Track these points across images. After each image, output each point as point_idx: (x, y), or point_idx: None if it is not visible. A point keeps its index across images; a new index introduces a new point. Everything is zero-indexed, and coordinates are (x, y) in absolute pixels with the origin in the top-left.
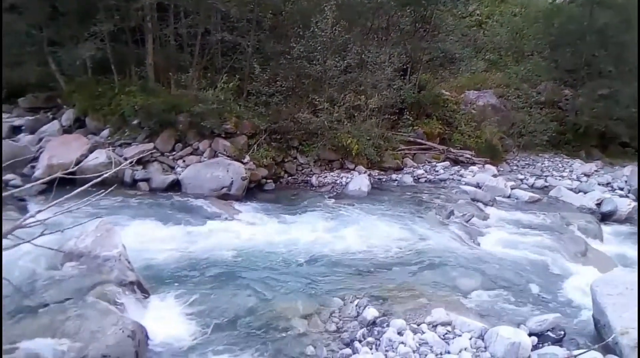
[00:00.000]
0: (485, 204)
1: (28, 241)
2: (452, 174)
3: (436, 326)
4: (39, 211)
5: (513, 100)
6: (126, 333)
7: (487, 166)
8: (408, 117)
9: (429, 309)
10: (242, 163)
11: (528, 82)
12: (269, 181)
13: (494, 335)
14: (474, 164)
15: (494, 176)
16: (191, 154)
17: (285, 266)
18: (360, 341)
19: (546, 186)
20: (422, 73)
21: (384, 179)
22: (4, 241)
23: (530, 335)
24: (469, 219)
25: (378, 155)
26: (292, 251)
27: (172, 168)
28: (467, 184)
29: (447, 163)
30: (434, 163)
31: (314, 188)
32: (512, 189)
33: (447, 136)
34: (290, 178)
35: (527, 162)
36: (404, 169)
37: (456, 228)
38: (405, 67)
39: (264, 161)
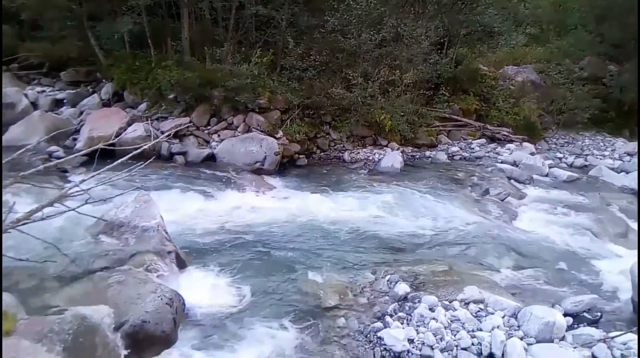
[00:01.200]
0: (522, 182)
1: (73, 210)
2: (488, 152)
3: (468, 303)
4: (83, 181)
5: (554, 76)
6: (164, 300)
7: (525, 143)
8: (444, 93)
9: (461, 286)
10: (275, 138)
11: (570, 57)
12: (301, 156)
13: (527, 314)
14: (511, 141)
15: (532, 154)
16: (226, 128)
17: (317, 240)
18: (391, 315)
19: (586, 166)
20: (460, 47)
21: (417, 156)
22: (50, 209)
23: (565, 315)
24: (505, 198)
25: (412, 131)
26: (323, 225)
27: (207, 142)
28: (503, 162)
29: (483, 140)
30: (470, 140)
31: (346, 164)
32: (550, 167)
33: (483, 112)
34: (322, 153)
35: (566, 140)
36: (438, 146)
37: (491, 206)
38: (442, 41)
39: (297, 137)
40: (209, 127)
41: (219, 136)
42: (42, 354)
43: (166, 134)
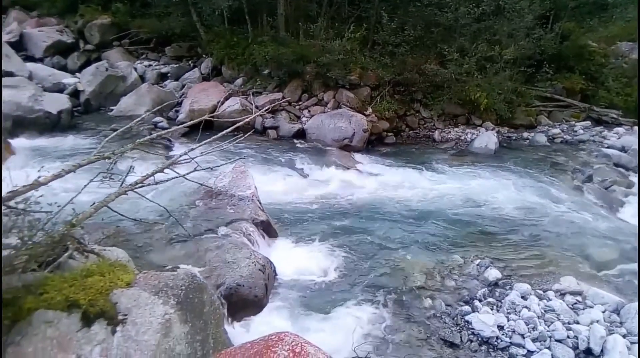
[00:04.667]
0: (630, 170)
1: (183, 176)
2: (593, 136)
3: (564, 294)
4: (192, 149)
5: None
6: (257, 266)
7: (636, 127)
8: (547, 70)
9: (557, 276)
10: (364, 114)
11: None
12: (389, 134)
13: (632, 311)
14: (620, 125)
15: None
16: (316, 104)
17: (404, 219)
18: (480, 300)
19: None
20: (567, 21)
21: (513, 138)
22: (160, 175)
23: None
24: (610, 186)
25: (509, 111)
26: (411, 204)
27: (298, 118)
28: (610, 147)
29: (587, 123)
30: (573, 122)
31: (435, 143)
32: None
33: (590, 92)
34: (411, 132)
35: None
36: (538, 127)
37: (594, 194)
38: (547, 14)
39: (386, 114)
40: (300, 102)
41: (309, 111)
42: (158, 305)
43: (265, 109)
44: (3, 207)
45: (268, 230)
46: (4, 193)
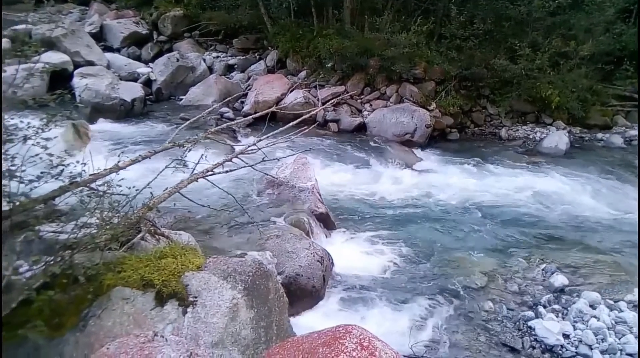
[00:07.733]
0: None
1: (251, 166)
2: None
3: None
4: (259, 140)
5: None
6: (316, 258)
7: None
8: (627, 67)
9: (630, 287)
10: (427, 109)
11: None
12: (453, 130)
13: None
14: None
15: None
16: (378, 98)
17: (466, 218)
18: (545, 306)
19: None
20: None
21: (586, 138)
22: (228, 164)
23: None
24: None
25: (582, 110)
26: (474, 203)
27: (360, 111)
28: None
29: None
30: None
31: (502, 141)
32: None
33: None
34: (476, 128)
35: None
36: (613, 128)
37: None
38: (631, 8)
39: (451, 110)
40: (362, 96)
41: (371, 105)
42: (227, 290)
43: (330, 102)
44: (86, 188)
45: (327, 222)
46: (87, 176)
